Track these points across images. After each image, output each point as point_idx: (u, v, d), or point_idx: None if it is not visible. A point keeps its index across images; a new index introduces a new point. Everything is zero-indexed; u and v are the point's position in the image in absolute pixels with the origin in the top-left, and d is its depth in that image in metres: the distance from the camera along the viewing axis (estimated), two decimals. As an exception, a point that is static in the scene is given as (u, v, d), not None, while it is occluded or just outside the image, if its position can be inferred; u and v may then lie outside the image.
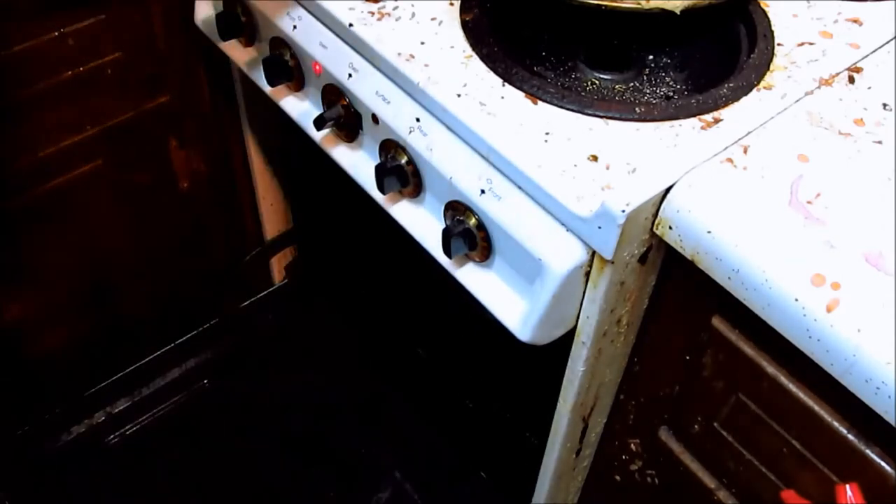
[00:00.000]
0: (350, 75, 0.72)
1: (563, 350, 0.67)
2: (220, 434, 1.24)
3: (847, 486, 0.52)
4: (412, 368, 1.21)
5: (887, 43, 0.69)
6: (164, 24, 0.92)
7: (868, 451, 0.52)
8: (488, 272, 0.67)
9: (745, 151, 0.58)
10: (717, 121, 0.61)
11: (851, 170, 0.57)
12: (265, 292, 1.37)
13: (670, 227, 0.56)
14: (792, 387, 0.55)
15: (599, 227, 0.55)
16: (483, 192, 0.62)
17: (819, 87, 0.64)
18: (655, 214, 0.57)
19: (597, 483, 0.84)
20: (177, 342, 1.28)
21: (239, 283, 1.32)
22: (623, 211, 0.53)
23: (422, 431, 1.24)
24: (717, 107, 0.62)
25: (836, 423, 0.53)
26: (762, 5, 0.72)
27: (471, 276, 0.68)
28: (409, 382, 1.25)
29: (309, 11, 0.76)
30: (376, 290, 1.19)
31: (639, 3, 0.62)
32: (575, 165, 0.58)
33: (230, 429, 1.25)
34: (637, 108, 0.62)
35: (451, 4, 0.73)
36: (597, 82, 0.73)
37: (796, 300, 0.49)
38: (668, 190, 0.56)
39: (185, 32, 0.94)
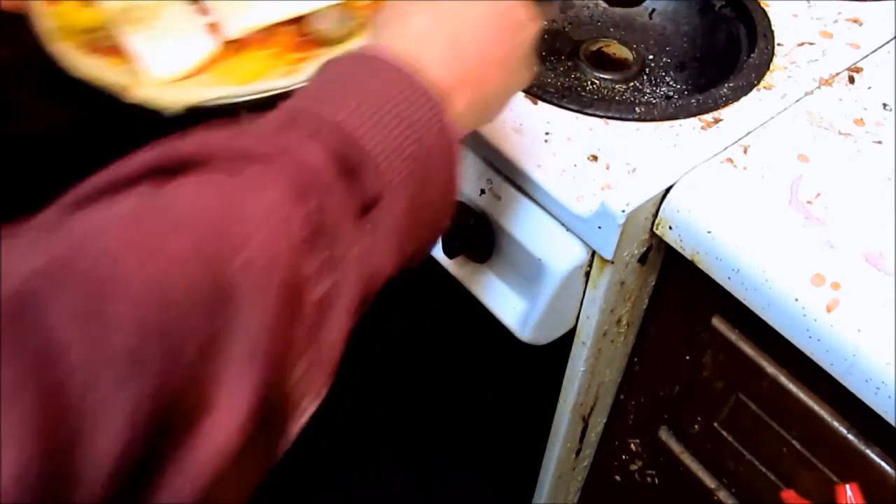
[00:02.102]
0: (350, 75, 0.72)
1: (563, 350, 0.67)
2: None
3: (847, 486, 0.52)
4: (411, 368, 1.21)
5: (887, 43, 0.69)
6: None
7: (868, 451, 0.52)
8: (488, 272, 0.67)
9: (745, 151, 0.58)
10: (717, 121, 0.61)
11: (851, 170, 0.57)
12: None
13: (670, 227, 0.56)
14: (792, 387, 0.55)
15: (599, 227, 0.55)
16: (483, 192, 0.62)
17: (819, 87, 0.64)
18: (655, 214, 0.57)
19: (597, 483, 0.84)
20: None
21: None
22: (623, 211, 0.53)
23: (421, 431, 1.24)
24: (717, 107, 0.62)
25: (836, 423, 0.53)
26: (762, 5, 0.72)
27: (471, 276, 0.67)
28: (408, 382, 1.25)
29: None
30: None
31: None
32: (575, 165, 0.58)
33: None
34: (637, 108, 0.62)
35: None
36: (597, 82, 0.73)
37: (796, 300, 0.49)
38: (668, 190, 0.56)
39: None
